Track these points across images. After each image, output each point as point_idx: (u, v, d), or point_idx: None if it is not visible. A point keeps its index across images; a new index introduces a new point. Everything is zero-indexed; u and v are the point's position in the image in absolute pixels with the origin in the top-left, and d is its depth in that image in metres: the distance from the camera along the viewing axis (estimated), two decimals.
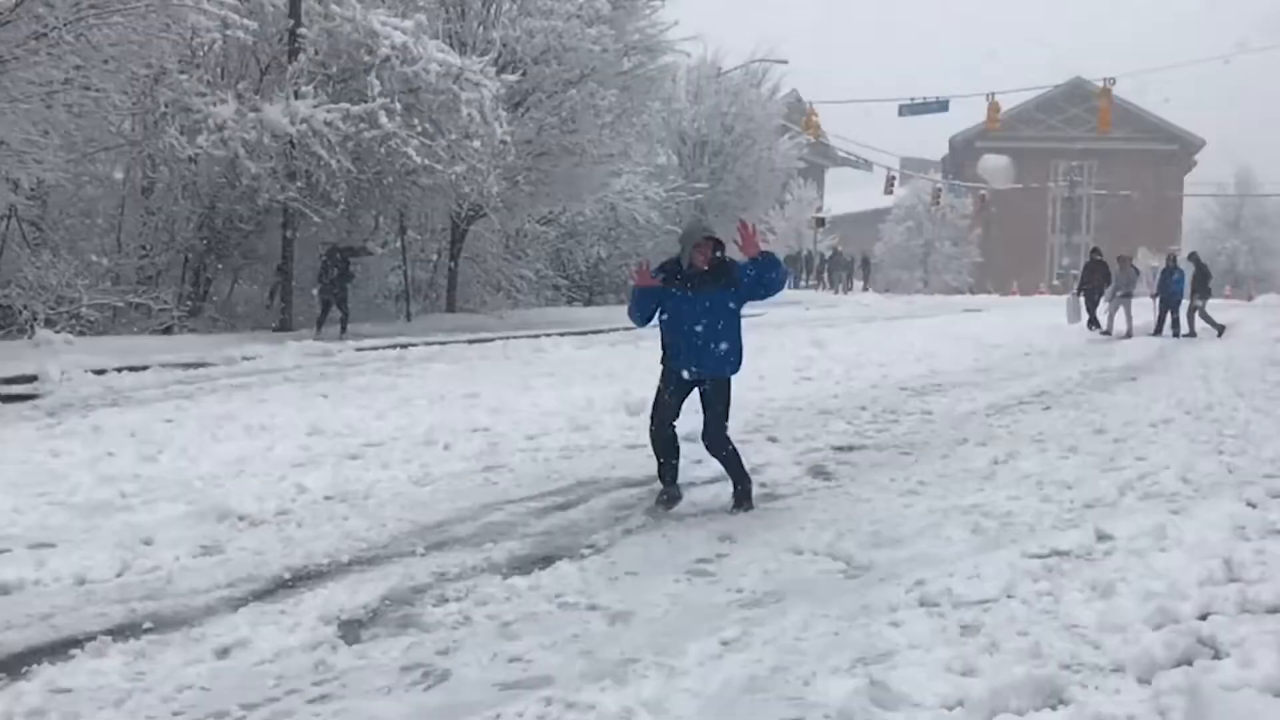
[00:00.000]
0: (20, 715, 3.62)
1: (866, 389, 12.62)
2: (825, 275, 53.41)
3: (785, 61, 39.70)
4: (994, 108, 38.49)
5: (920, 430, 9.84)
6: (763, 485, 7.47)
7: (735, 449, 6.91)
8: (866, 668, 4.09)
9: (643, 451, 8.62)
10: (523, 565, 5.52)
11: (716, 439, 6.81)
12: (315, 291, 20.05)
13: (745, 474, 6.93)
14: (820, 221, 58.35)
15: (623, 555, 5.78)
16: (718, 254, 6.71)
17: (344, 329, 19.49)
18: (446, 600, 4.94)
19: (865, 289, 53.21)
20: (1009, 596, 4.84)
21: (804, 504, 6.97)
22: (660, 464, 6.95)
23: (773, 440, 9.19)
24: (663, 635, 4.54)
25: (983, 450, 8.68)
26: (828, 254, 54.91)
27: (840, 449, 8.87)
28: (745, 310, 6.92)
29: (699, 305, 6.60)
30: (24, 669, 4.06)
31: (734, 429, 9.65)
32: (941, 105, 38.76)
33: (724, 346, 6.69)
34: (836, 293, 48.93)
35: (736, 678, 4.06)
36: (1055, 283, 63.27)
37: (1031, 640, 4.26)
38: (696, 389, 6.84)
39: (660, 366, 6.87)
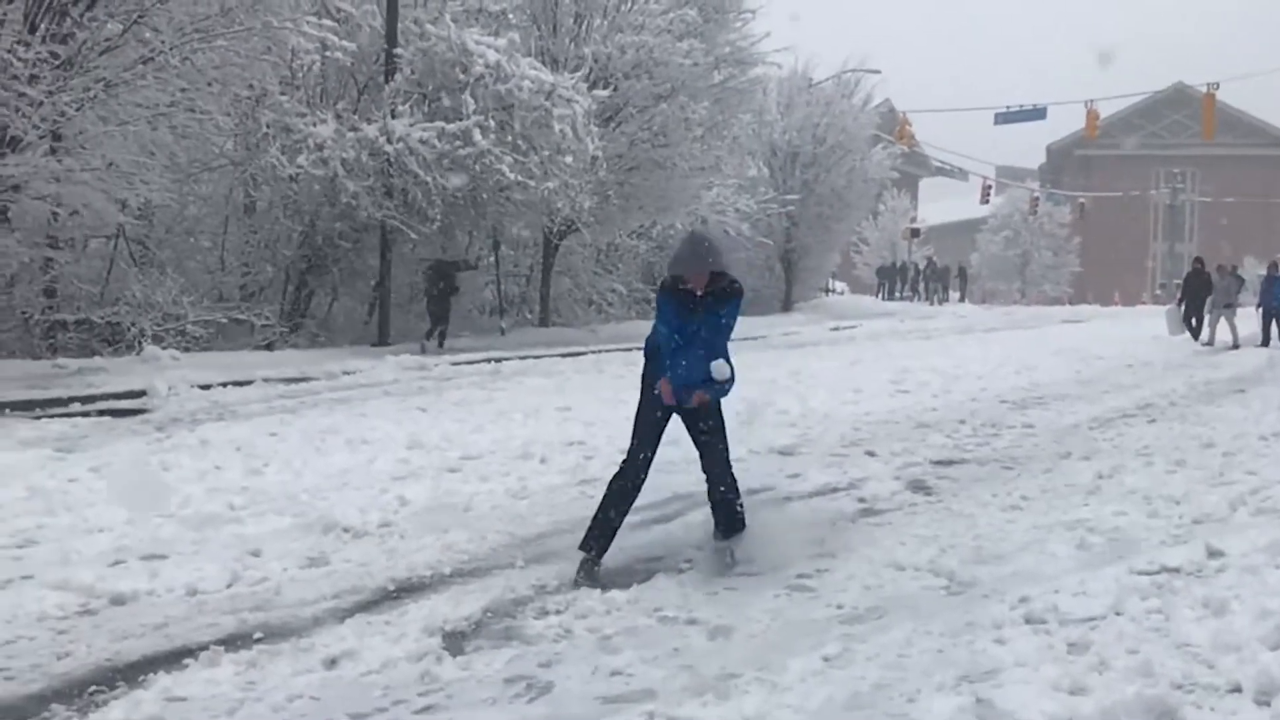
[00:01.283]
0: None
1: (965, 402, 12.43)
2: (920, 286, 52.82)
3: (878, 71, 39.42)
4: (1093, 115, 37.80)
5: (1022, 444, 9.66)
6: (861, 500, 7.41)
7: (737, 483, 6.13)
8: (972, 685, 4.03)
9: (739, 466, 8.58)
10: (621, 579, 5.54)
11: (724, 460, 6.07)
12: (425, 306, 20.52)
13: (742, 519, 6.12)
14: (915, 232, 57.76)
15: (721, 570, 5.76)
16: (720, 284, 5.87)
17: (441, 342, 19.81)
18: (547, 613, 4.98)
19: (961, 300, 52.52)
20: (1117, 614, 4.73)
21: (904, 519, 6.89)
22: (603, 519, 5.84)
23: (871, 454, 9.10)
24: (763, 650, 4.51)
25: (1087, 464, 8.50)
26: (922, 265, 54.31)
27: (940, 463, 8.76)
28: (839, 323, 6.79)
29: (697, 324, 5.82)
30: (141, 677, 4.17)
31: (832, 442, 9.69)
32: (1038, 113, 38.12)
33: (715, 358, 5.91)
34: (932, 304, 48.38)
35: (839, 694, 4.02)
36: (1158, 292, 61.73)
37: (1142, 659, 4.16)
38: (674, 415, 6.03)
39: (643, 389, 6.05)
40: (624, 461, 6.00)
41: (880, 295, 53.26)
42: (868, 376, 14.39)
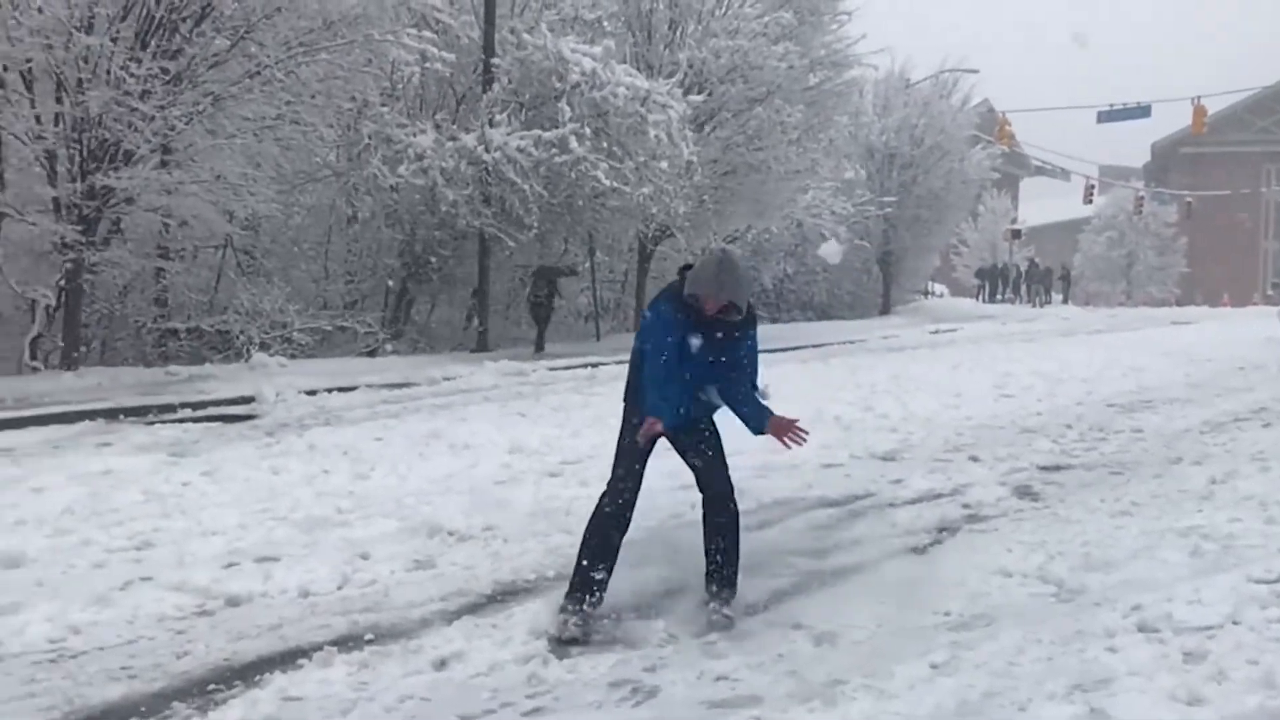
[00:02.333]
0: None
1: (1071, 406, 12.18)
2: (1022, 289, 51.92)
3: (976, 71, 38.81)
4: (1199, 111, 36.75)
5: (1130, 449, 9.44)
6: (966, 506, 7.31)
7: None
8: (1085, 695, 3.95)
9: (839, 471, 8.57)
10: None
11: (727, 486, 5.41)
12: (529, 311, 20.81)
13: (738, 552, 5.36)
14: (1016, 233, 56.75)
15: (824, 575, 5.73)
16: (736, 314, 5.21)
17: (540, 346, 20.06)
18: (651, 617, 5.00)
19: (1064, 302, 51.47)
20: (1235, 623, 4.60)
21: (1010, 525, 6.78)
22: (589, 566, 5.02)
23: (974, 460, 8.97)
24: (869, 657, 4.48)
25: (1199, 469, 8.28)
26: (1024, 266, 53.37)
27: (1046, 468, 8.59)
28: (938, 326, 6.65)
29: (715, 350, 5.18)
30: (257, 677, 4.28)
31: (935, 447, 9.57)
32: (1143, 111, 37.22)
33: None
34: (1034, 306, 47.50)
35: (948, 702, 3.98)
36: (1270, 293, 59.83)
37: (1263, 669, 4.04)
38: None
39: (625, 412, 5.40)
40: (602, 500, 5.18)
41: (980, 298, 52.47)
42: (970, 380, 14.18)
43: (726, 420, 5.41)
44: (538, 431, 10.27)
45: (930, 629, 4.87)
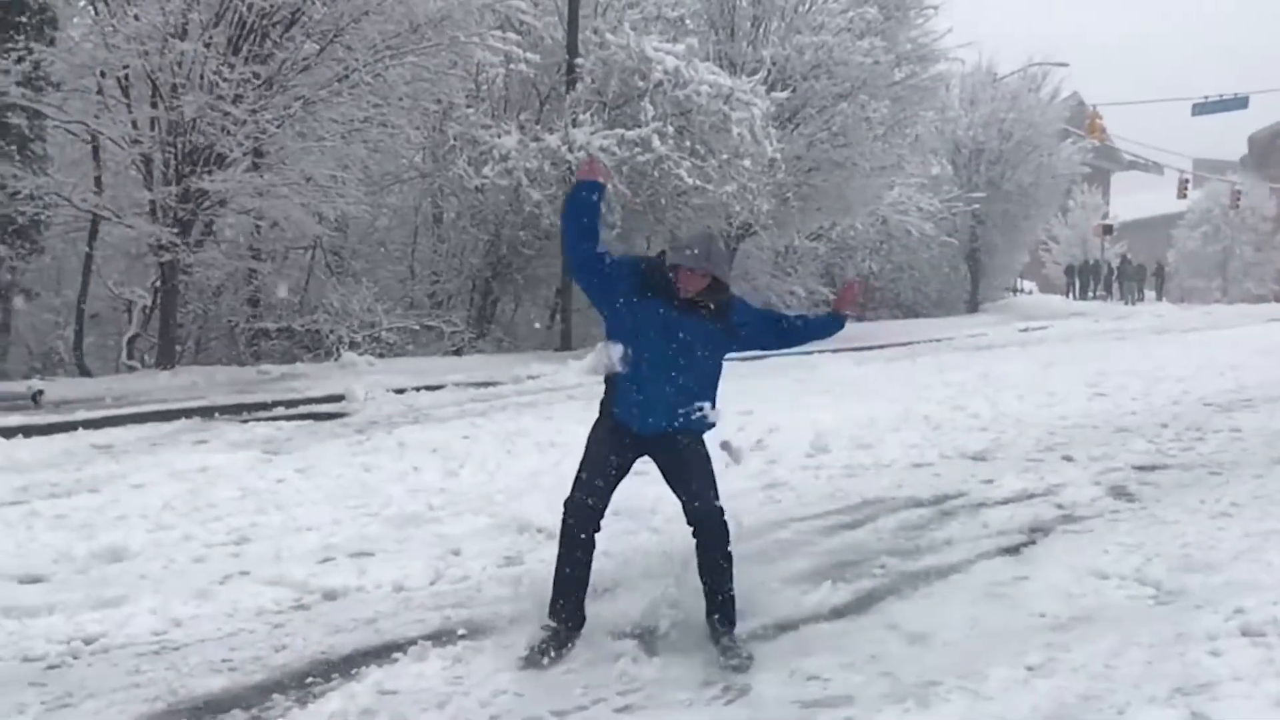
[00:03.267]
0: (355, 714, 3.89)
1: (1167, 405, 11.91)
2: (1114, 285, 50.91)
3: (1065, 64, 38.16)
4: None
5: (1229, 449, 9.21)
6: (1060, 506, 7.18)
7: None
8: (1186, 699, 3.87)
9: (929, 470, 8.47)
10: (813, 583, 5.50)
11: (714, 506, 4.78)
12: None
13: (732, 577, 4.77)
14: (1107, 229, 55.61)
15: (915, 576, 5.67)
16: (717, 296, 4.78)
17: None
18: (741, 616, 4.98)
19: (1158, 299, 50.37)
20: None
21: (1106, 526, 6.64)
22: (565, 575, 4.66)
23: (1068, 459, 8.81)
24: (963, 658, 4.43)
25: None
26: (1116, 263, 52.31)
27: (1142, 468, 8.41)
28: (1028, 323, 6.49)
29: (687, 332, 4.66)
30: (354, 670, 4.35)
31: (1026, 446, 9.41)
32: (1240, 102, 36.32)
33: (700, 400, 4.83)
34: (1127, 303, 46.55)
35: (1044, 705, 3.92)
36: None
37: None
38: (645, 457, 4.89)
39: (601, 414, 4.87)
40: (565, 513, 4.71)
41: (1071, 294, 51.56)
42: (1062, 379, 13.93)
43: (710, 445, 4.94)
44: None
45: (1025, 631, 4.80)
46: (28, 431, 10.44)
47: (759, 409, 11.52)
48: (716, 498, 4.75)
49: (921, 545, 6.28)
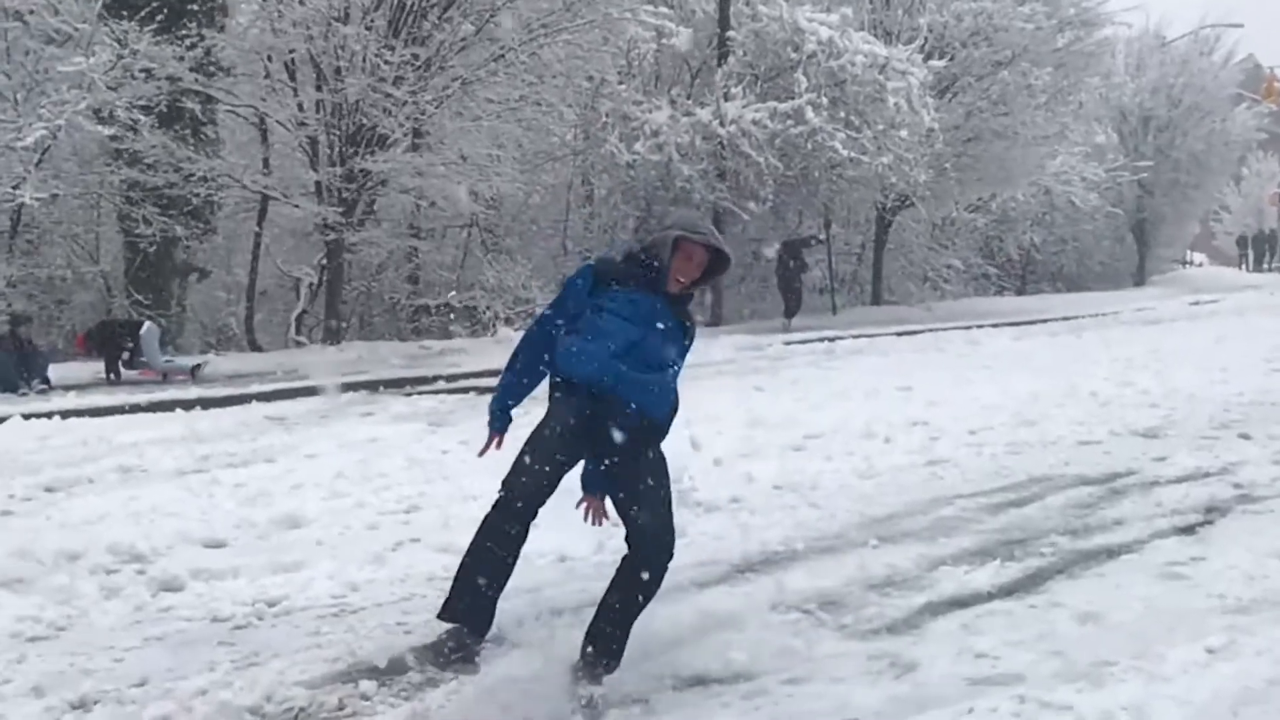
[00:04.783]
0: (525, 678, 3.96)
1: None
2: None
3: (1240, 25, 36.36)
4: None
5: None
6: (1237, 485, 6.89)
7: None
8: None
9: (1098, 448, 8.21)
10: (979, 561, 5.39)
11: (666, 535, 4.02)
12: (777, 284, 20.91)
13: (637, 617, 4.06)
14: None
15: (1085, 555, 5.51)
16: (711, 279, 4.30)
17: (792, 316, 20.10)
18: (906, 592, 4.92)
19: None
20: None
21: None
22: (469, 583, 3.89)
23: (1245, 437, 8.43)
24: (1138, 639, 4.28)
25: None
26: None
27: None
28: (1198, 297, 6.16)
29: (657, 319, 4.06)
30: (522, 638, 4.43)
31: (1200, 424, 9.04)
32: None
33: (662, 395, 4.06)
34: None
35: (1227, 688, 3.77)
36: None
37: None
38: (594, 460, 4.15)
39: (554, 399, 4.12)
40: (496, 504, 3.94)
41: (1244, 267, 49.33)
42: (1236, 354, 13.34)
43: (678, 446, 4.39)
44: (778, 405, 10.24)
45: (1203, 612, 4.62)
46: (205, 404, 10.95)
47: (918, 385, 11.35)
48: (671, 517, 4.04)
49: (1091, 524, 6.10)
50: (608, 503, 4.19)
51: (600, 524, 4.28)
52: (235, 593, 4.96)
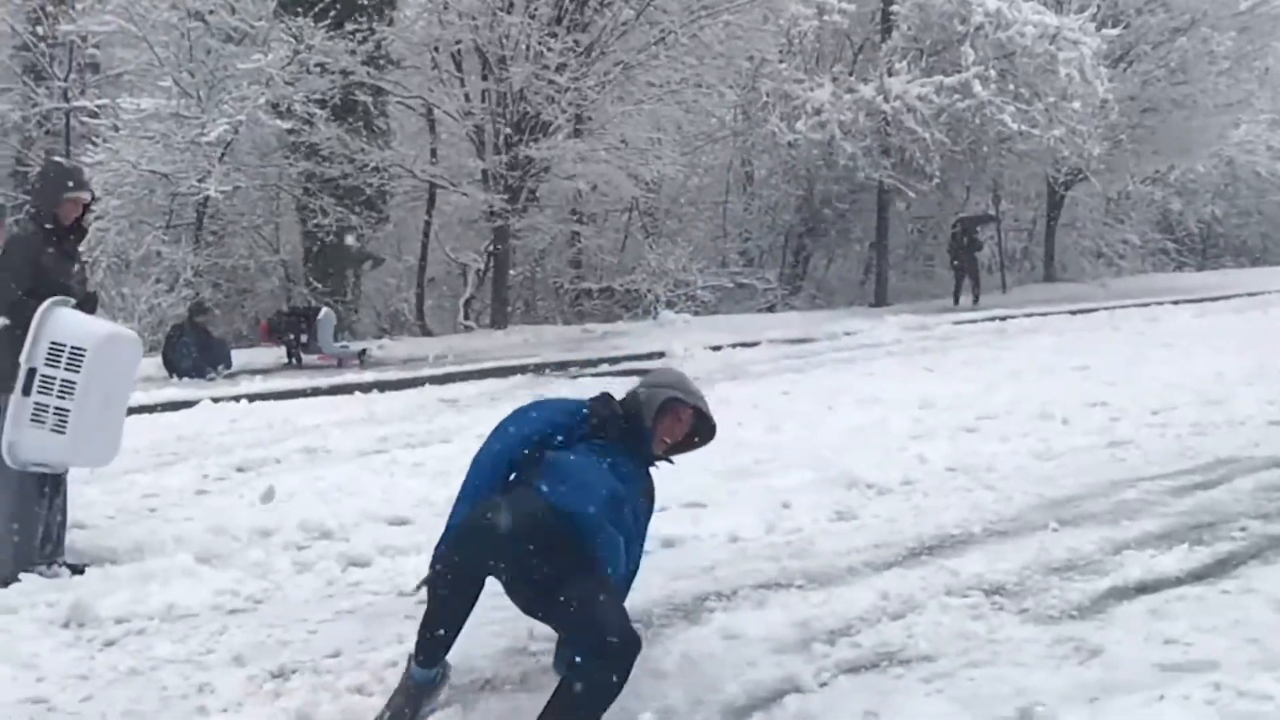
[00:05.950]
0: (704, 656, 3.99)
1: None
2: None
3: None
4: None
5: None
6: None
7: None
8: None
9: None
10: (1165, 545, 5.19)
11: (622, 628, 3.26)
12: (950, 263, 20.59)
13: None
14: None
15: (1279, 540, 5.26)
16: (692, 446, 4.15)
17: (976, 298, 19.72)
18: (1090, 576, 4.78)
19: None
20: None
21: None
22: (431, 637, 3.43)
23: None
24: None
25: None
26: None
27: None
28: None
29: (638, 483, 3.82)
30: (697, 614, 4.47)
31: None
32: None
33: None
34: None
35: None
36: None
37: None
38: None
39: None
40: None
41: None
42: None
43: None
44: (948, 386, 10.05)
45: None
46: (382, 387, 11.32)
47: (1095, 364, 11.00)
48: (618, 602, 3.46)
49: None
50: None
51: None
52: (419, 568, 5.08)
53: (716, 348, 13.91)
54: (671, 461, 4.06)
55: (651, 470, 3.97)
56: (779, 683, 3.79)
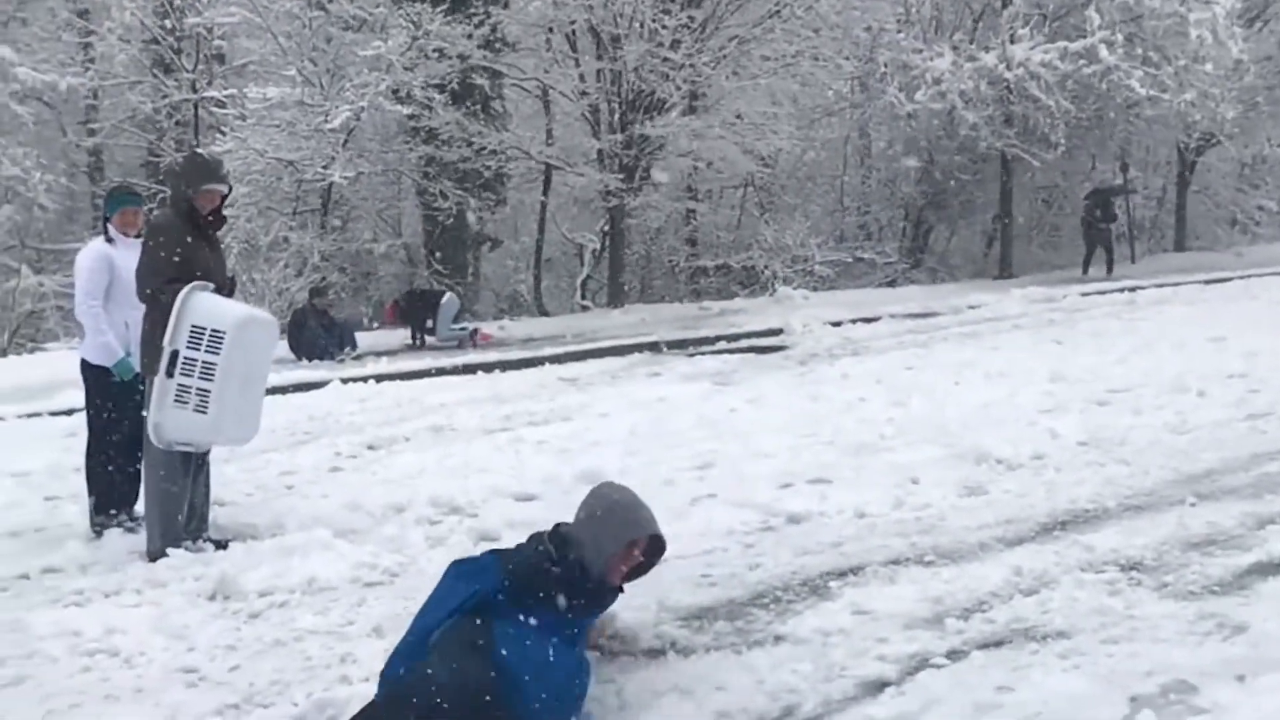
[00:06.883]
0: (834, 631, 3.98)
1: None
2: None
3: None
4: None
5: None
6: None
7: None
8: None
9: None
10: None
11: None
12: (1083, 234, 20.13)
13: None
14: None
15: None
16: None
17: (1110, 269, 19.25)
18: (1231, 551, 4.63)
19: None
20: None
21: None
22: None
23: None
24: None
25: None
26: None
27: None
28: None
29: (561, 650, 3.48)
30: (826, 590, 4.45)
31: None
32: None
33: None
34: None
35: None
36: None
37: None
38: None
39: None
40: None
41: None
42: None
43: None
44: (1078, 359, 9.83)
45: None
46: (504, 366, 11.46)
47: (1231, 335, 10.62)
48: None
49: None
50: None
51: None
52: None
53: (836, 323, 13.76)
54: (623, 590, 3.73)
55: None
56: (912, 658, 3.76)
